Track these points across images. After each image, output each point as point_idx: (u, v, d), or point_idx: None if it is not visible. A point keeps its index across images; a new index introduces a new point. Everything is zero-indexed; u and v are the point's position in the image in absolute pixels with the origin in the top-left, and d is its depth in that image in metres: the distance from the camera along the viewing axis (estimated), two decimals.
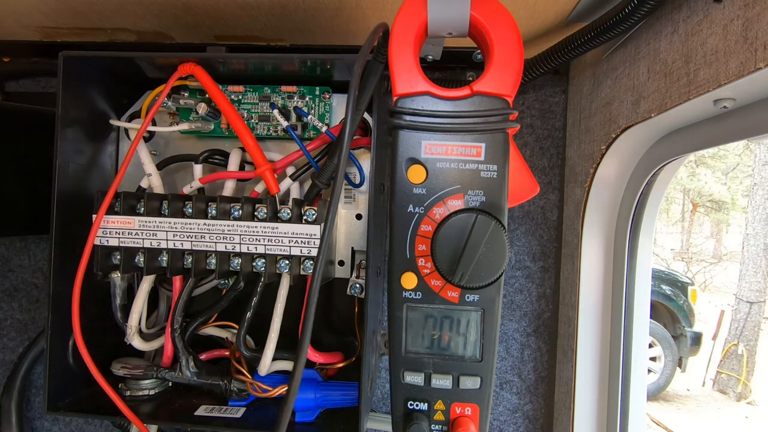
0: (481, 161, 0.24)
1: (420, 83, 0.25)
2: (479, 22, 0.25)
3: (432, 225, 0.24)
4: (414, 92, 0.25)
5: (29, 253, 0.73)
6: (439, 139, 0.24)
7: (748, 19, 0.32)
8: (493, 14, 0.24)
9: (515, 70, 0.25)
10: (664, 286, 3.14)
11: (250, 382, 0.53)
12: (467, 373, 0.25)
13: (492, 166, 0.24)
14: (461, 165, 0.24)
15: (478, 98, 0.24)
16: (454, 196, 0.24)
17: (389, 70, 0.25)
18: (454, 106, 0.24)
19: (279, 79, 0.54)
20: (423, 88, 0.25)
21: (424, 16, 0.26)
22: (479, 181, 0.24)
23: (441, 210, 0.24)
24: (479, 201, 0.24)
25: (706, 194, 6.79)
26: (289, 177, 0.52)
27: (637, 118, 0.46)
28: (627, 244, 0.58)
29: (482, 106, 0.24)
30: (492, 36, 0.24)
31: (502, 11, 0.24)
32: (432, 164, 0.24)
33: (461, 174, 0.24)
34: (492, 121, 0.24)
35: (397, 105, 0.25)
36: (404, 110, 0.25)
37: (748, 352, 3.70)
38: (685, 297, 3.15)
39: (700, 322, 3.38)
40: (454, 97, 0.25)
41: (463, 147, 0.24)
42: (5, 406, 0.69)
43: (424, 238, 0.25)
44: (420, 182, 0.25)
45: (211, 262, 0.50)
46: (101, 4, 0.52)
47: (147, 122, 0.48)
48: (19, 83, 0.72)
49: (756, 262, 3.82)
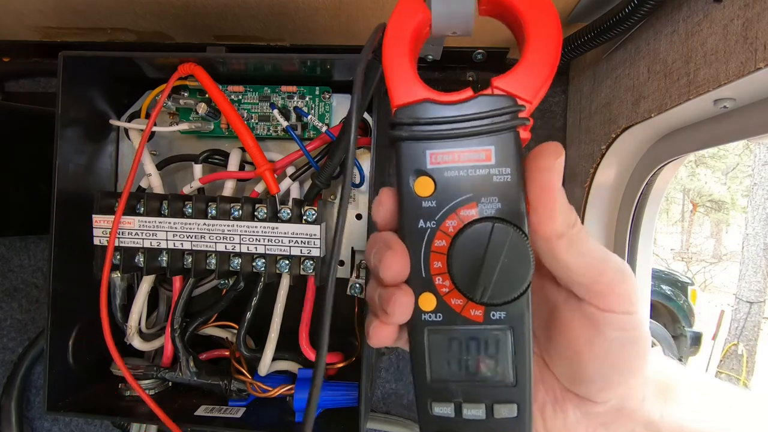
0: (492, 165, 0.22)
1: (418, 91, 0.23)
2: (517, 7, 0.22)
3: (446, 239, 0.22)
4: (413, 101, 0.23)
5: (29, 253, 0.73)
6: (445, 147, 0.22)
7: (748, 19, 0.32)
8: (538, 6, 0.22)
9: (544, 75, 0.22)
10: (664, 286, 3.14)
11: (250, 382, 0.53)
12: (502, 401, 0.23)
13: (505, 169, 0.22)
14: (471, 171, 0.22)
15: (482, 99, 0.22)
16: (466, 206, 0.22)
17: (385, 78, 0.23)
18: (456, 110, 0.22)
19: (279, 79, 0.54)
20: (422, 96, 0.23)
21: (420, 17, 0.24)
22: (492, 186, 0.22)
23: (454, 222, 0.22)
24: (495, 208, 0.22)
25: (706, 194, 6.79)
26: (289, 177, 0.52)
27: (637, 118, 0.46)
28: (627, 243, 0.58)
29: (486, 107, 0.22)
30: (529, 28, 0.22)
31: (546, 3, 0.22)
32: (439, 174, 0.22)
33: (472, 181, 0.22)
34: (499, 121, 0.22)
35: (396, 116, 0.23)
36: (404, 121, 0.23)
37: (748, 352, 3.70)
38: (685, 297, 3.15)
39: (700, 322, 3.38)
40: (455, 101, 0.23)
41: (470, 152, 0.22)
42: (5, 406, 0.69)
43: (439, 255, 0.23)
44: (429, 195, 0.23)
45: (211, 262, 0.50)
46: (101, 4, 0.52)
47: (151, 123, 0.48)
48: (19, 83, 0.72)
49: (756, 262, 3.82)
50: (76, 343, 0.52)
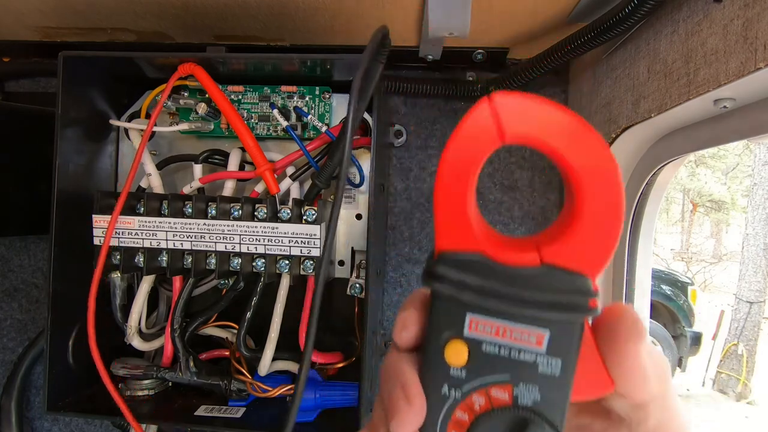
0: (541, 352, 0.19)
1: (472, 239, 0.19)
2: (572, 166, 0.18)
3: (469, 414, 0.19)
4: (463, 249, 0.19)
5: (29, 253, 0.73)
6: (490, 317, 0.19)
7: (748, 19, 0.32)
8: (597, 163, 0.18)
9: (608, 244, 0.18)
10: (664, 286, 3.14)
11: (250, 382, 0.53)
12: None
13: (555, 361, 0.18)
14: (514, 353, 0.19)
15: (548, 270, 0.19)
16: (500, 386, 0.19)
17: (434, 211, 0.20)
18: (514, 278, 0.19)
19: (279, 79, 0.54)
20: (475, 247, 0.19)
21: (496, 145, 0.19)
22: (535, 375, 0.19)
23: (482, 400, 0.19)
24: (532, 399, 0.19)
25: (706, 194, 6.79)
26: (289, 177, 0.52)
27: (637, 118, 0.46)
28: (627, 243, 0.58)
29: (552, 283, 0.18)
30: (586, 191, 0.18)
31: (608, 163, 0.18)
32: (477, 344, 0.19)
33: (513, 363, 0.19)
34: (563, 305, 0.18)
35: (439, 263, 0.19)
36: (448, 276, 0.19)
37: (748, 352, 3.70)
38: (685, 297, 3.15)
39: (700, 322, 3.38)
40: (515, 264, 0.19)
41: (519, 331, 0.19)
42: (5, 406, 0.69)
43: (458, 426, 0.20)
44: (460, 364, 0.19)
45: (211, 262, 0.50)
46: (101, 4, 0.52)
47: (152, 123, 0.48)
48: (19, 83, 0.72)
49: (756, 262, 3.82)
50: (76, 343, 0.52)
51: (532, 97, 0.19)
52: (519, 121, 0.18)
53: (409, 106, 0.68)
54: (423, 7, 0.49)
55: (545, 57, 0.53)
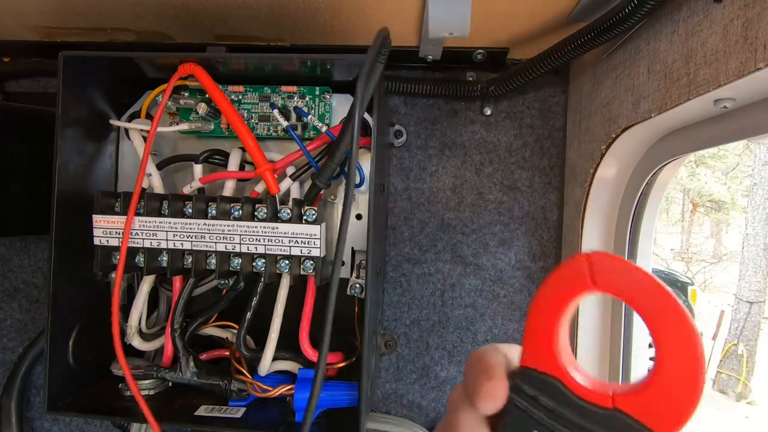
0: None
1: (553, 365, 0.21)
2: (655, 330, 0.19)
3: None
4: (543, 371, 0.21)
5: (29, 253, 0.73)
6: None
7: (748, 19, 0.32)
8: (679, 334, 0.19)
9: (684, 410, 0.19)
10: None
11: (250, 382, 0.53)
12: None
13: None
14: None
15: (619, 415, 0.19)
16: None
17: (525, 329, 0.22)
18: (585, 411, 0.20)
19: (279, 79, 0.54)
20: (555, 372, 0.21)
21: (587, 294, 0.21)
22: None
23: None
24: None
25: (706, 194, 6.79)
26: (289, 177, 0.52)
27: (637, 118, 0.46)
28: (627, 244, 0.58)
29: (620, 428, 0.19)
30: (666, 355, 0.19)
31: (691, 335, 0.19)
32: None
33: None
34: None
35: (520, 376, 0.21)
36: (526, 391, 0.21)
37: (748, 352, 3.70)
38: (685, 297, 3.15)
39: (700, 322, 3.38)
40: (589, 400, 0.20)
41: None
42: (5, 406, 0.69)
43: None
44: None
45: (211, 262, 0.50)
46: (101, 4, 0.52)
47: (155, 125, 0.48)
48: (19, 83, 0.72)
49: (756, 262, 3.82)
50: (76, 343, 0.52)
51: (623, 261, 0.21)
52: (610, 277, 0.21)
53: (409, 106, 0.68)
54: (423, 7, 0.49)
55: (545, 57, 0.53)
